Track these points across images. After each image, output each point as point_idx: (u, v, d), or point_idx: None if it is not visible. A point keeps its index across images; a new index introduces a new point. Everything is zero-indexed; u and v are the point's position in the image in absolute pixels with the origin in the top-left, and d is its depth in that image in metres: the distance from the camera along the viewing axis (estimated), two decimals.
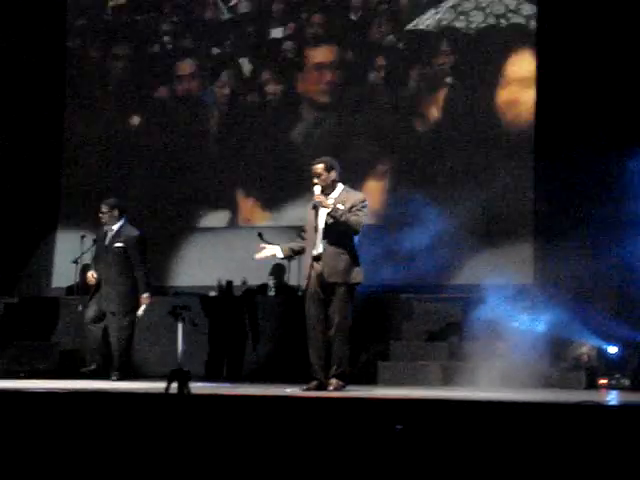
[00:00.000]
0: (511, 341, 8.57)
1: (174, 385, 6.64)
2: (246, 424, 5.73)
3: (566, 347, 8.67)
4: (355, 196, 7.88)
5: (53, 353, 10.16)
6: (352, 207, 7.75)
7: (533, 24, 10.07)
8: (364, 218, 7.81)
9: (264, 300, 10.09)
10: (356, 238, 7.81)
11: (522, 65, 10.12)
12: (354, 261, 7.77)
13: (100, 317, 9.39)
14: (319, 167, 7.83)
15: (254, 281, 10.39)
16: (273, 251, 8.07)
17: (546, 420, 5.51)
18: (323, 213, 7.81)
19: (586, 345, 8.65)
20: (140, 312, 9.31)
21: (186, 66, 11.19)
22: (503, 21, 10.25)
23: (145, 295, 9.32)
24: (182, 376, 6.60)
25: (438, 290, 9.72)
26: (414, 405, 6.15)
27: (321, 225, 7.81)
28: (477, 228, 9.87)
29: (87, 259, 10.17)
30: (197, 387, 7.09)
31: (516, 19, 10.19)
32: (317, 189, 7.77)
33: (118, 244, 9.38)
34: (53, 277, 11.31)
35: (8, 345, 10.10)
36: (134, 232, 9.50)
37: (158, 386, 7.02)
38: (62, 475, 5.54)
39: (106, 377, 9.23)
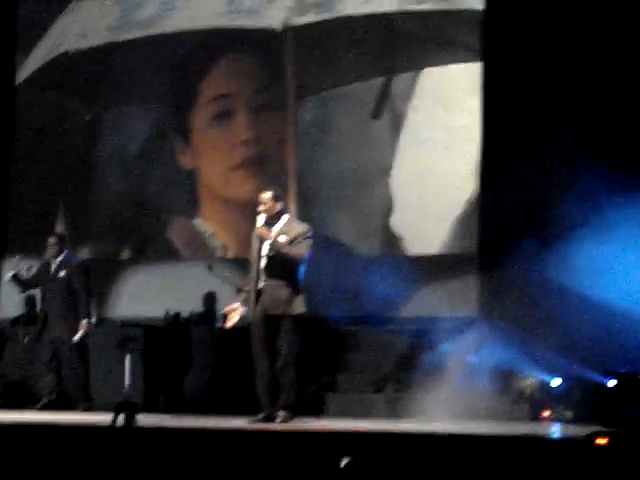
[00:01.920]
0: (456, 373, 8.63)
1: (121, 417, 6.62)
2: (192, 457, 5.72)
3: (510, 379, 8.74)
4: (299, 227, 7.83)
5: None
6: (295, 238, 7.71)
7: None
8: (306, 250, 7.72)
9: (212, 331, 10.06)
10: (301, 269, 7.77)
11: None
12: (296, 291, 7.70)
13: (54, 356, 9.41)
14: (266, 196, 7.77)
15: (202, 311, 10.39)
16: (239, 311, 7.90)
17: (492, 452, 5.57)
18: (266, 244, 7.74)
19: (530, 378, 8.73)
20: (76, 337, 9.26)
21: None
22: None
23: (84, 322, 9.30)
24: (130, 408, 6.57)
25: (385, 322, 9.77)
26: (361, 438, 6.19)
27: (263, 255, 7.73)
28: (423, 261, 9.96)
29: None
30: (141, 419, 7.03)
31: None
32: (261, 218, 7.71)
33: (62, 273, 9.39)
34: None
35: None
36: (77, 260, 9.61)
37: (104, 419, 6.98)
38: None
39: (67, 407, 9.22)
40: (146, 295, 10.81)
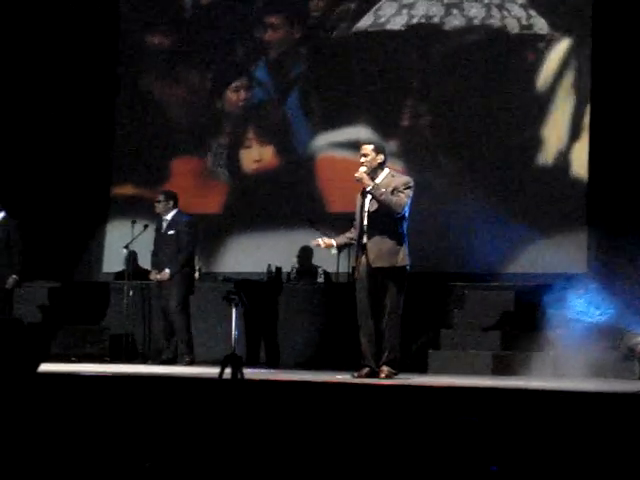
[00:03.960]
0: (564, 331, 8.49)
1: (228, 370, 6.65)
2: (299, 410, 5.72)
3: (620, 337, 8.56)
4: (400, 179, 7.79)
5: (103, 337, 10.25)
6: (394, 189, 7.65)
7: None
8: (406, 200, 7.66)
9: (313, 287, 10.07)
10: (404, 223, 7.72)
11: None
12: (399, 244, 7.67)
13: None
14: (368, 148, 7.75)
15: (304, 267, 10.38)
16: (329, 245, 8.00)
17: (600, 410, 5.46)
18: (368, 199, 7.72)
19: None
20: (154, 276, 9.59)
21: None
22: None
23: (167, 271, 9.48)
24: (235, 361, 6.60)
25: (490, 279, 9.64)
26: (467, 394, 6.11)
27: (366, 210, 7.73)
28: (529, 216, 9.80)
29: (137, 245, 10.26)
30: (248, 373, 7.08)
31: None
32: (362, 169, 7.67)
33: (171, 232, 9.58)
34: (104, 262, 11.39)
35: (59, 329, 10.19)
36: (185, 217, 9.69)
37: (211, 371, 7.03)
38: (114, 459, 5.56)
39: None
40: (250, 251, 10.87)
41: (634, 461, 4.89)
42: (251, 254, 10.80)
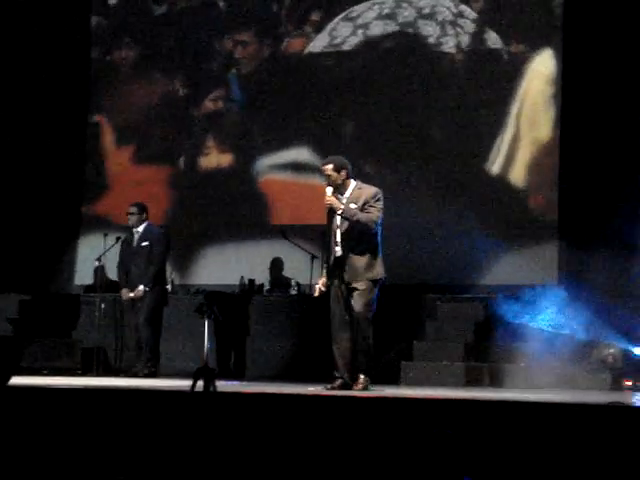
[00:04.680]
0: (535, 342, 8.53)
1: (200, 383, 6.62)
2: (272, 422, 5.71)
3: (591, 348, 8.61)
4: (368, 191, 7.71)
5: (75, 350, 10.18)
6: (365, 204, 7.63)
7: None
8: (378, 213, 7.64)
9: (286, 298, 10.06)
10: (378, 234, 7.69)
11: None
12: (374, 258, 7.65)
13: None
14: (328, 167, 7.70)
15: (277, 279, 10.39)
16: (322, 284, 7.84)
17: (571, 421, 5.48)
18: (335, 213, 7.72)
19: (612, 346, 8.60)
20: (126, 296, 9.55)
21: None
22: None
23: (140, 288, 9.47)
24: (208, 374, 6.58)
25: (462, 290, 9.69)
26: (441, 405, 6.12)
27: (338, 226, 7.70)
28: (500, 229, 9.86)
29: (110, 258, 10.22)
30: (221, 385, 7.06)
31: None
32: (328, 190, 7.64)
33: (145, 243, 9.57)
34: (76, 275, 11.35)
35: (30, 342, 10.12)
36: (158, 230, 9.74)
37: (183, 384, 7.00)
38: (84, 472, 5.53)
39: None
40: (221, 263, 10.87)
41: (605, 471, 4.91)
42: (224, 266, 10.80)
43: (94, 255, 10.36)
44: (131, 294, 9.55)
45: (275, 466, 5.36)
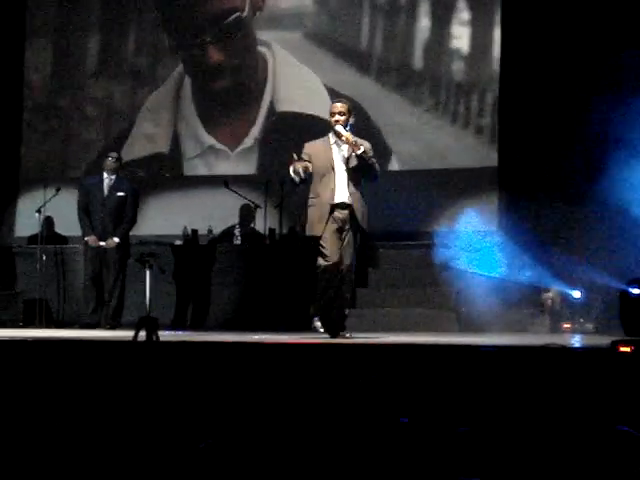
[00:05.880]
0: (475, 287, 8.62)
1: (142, 333, 6.62)
2: (216, 372, 5.73)
3: (530, 292, 8.73)
4: (365, 142, 7.33)
5: (17, 302, 10.10)
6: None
7: None
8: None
9: (230, 248, 10.06)
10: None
11: None
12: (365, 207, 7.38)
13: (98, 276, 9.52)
14: (344, 106, 7.31)
15: (220, 229, 10.38)
16: (306, 168, 7.22)
17: (511, 363, 5.55)
18: (338, 154, 7.32)
19: (550, 290, 8.72)
20: (95, 242, 9.43)
21: None
22: None
23: (115, 239, 9.43)
24: (150, 323, 6.58)
25: (403, 237, 9.75)
26: (381, 350, 6.18)
27: (339, 167, 7.31)
28: (440, 177, 9.94)
29: (50, 209, 10.12)
30: (164, 335, 7.06)
31: None
32: (341, 128, 7.21)
33: (120, 193, 9.48)
34: (16, 227, 11.24)
35: None
36: (130, 184, 9.70)
37: (126, 334, 7.00)
38: (30, 425, 5.51)
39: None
40: (164, 215, 10.83)
41: (545, 414, 4.99)
42: (167, 217, 10.77)
43: (34, 207, 10.24)
44: (102, 242, 9.44)
45: (219, 416, 5.38)
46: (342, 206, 7.30)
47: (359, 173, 7.31)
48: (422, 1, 10.58)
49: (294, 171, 7.15)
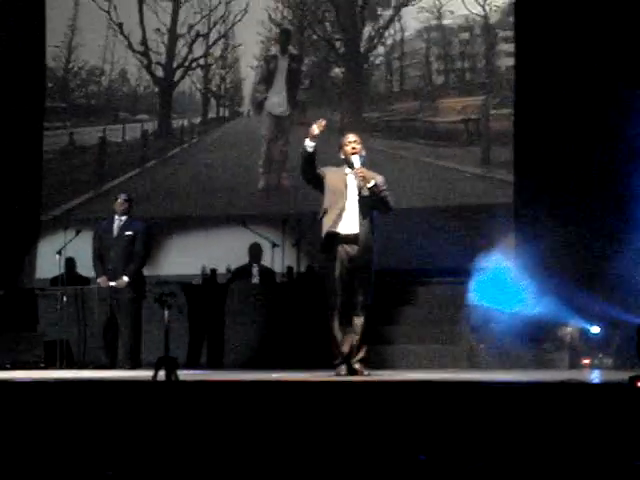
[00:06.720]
0: (493, 323, 8.60)
1: (161, 372, 6.64)
2: (236, 410, 5.74)
3: (550, 328, 8.71)
4: (378, 176, 7.37)
5: (38, 343, 10.14)
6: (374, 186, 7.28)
7: None
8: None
9: (248, 286, 10.08)
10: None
11: None
12: (373, 240, 7.34)
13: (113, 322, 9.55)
14: (358, 140, 7.34)
15: (237, 267, 10.42)
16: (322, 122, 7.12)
17: (531, 399, 5.56)
18: (352, 182, 7.31)
19: (569, 326, 8.70)
20: (105, 283, 9.48)
21: None
22: None
23: (125, 278, 9.44)
24: (170, 363, 6.59)
25: (425, 275, 9.72)
26: (409, 387, 6.19)
27: (352, 195, 7.28)
28: (455, 213, 9.96)
29: (71, 251, 10.19)
30: (183, 374, 7.08)
31: None
32: (355, 159, 7.24)
33: (128, 233, 9.54)
34: (37, 269, 11.31)
35: None
36: (141, 223, 9.75)
37: (145, 374, 7.02)
38: (49, 464, 5.54)
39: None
40: (183, 254, 10.88)
41: (564, 447, 4.99)
42: (186, 256, 10.81)
43: (55, 249, 10.32)
44: (112, 282, 9.51)
45: (240, 456, 5.39)
46: (350, 239, 7.27)
47: (370, 204, 7.29)
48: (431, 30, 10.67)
49: (310, 134, 7.11)
